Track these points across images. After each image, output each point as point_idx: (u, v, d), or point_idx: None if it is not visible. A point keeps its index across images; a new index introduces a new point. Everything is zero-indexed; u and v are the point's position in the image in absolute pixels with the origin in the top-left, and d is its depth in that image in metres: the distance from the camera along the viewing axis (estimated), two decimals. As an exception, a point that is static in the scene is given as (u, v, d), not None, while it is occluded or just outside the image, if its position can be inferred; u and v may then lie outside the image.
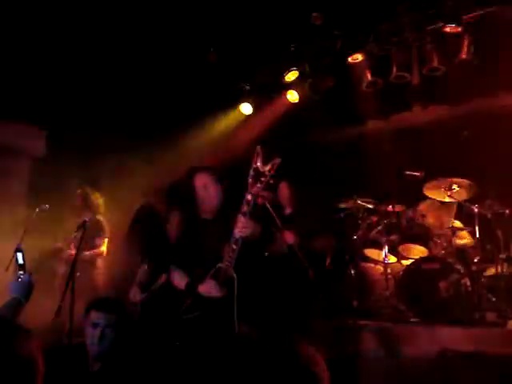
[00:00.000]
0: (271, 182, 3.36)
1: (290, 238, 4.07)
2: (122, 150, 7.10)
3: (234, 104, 8.52)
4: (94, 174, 6.86)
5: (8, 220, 6.36)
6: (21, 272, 2.74)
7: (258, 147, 3.43)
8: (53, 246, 6.48)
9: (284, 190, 5.55)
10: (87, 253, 6.14)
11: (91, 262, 6.25)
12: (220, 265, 3.52)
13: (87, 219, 5.14)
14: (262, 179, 3.35)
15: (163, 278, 5.59)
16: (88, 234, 5.97)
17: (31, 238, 6.15)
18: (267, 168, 3.35)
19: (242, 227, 3.42)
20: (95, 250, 6.28)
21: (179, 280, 3.83)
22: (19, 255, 2.84)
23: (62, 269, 6.18)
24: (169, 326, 3.91)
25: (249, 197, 3.41)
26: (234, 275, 3.46)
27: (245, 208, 3.42)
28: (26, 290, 2.67)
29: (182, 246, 3.90)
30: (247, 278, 3.52)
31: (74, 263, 4.52)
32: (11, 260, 5.60)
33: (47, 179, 6.62)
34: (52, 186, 6.48)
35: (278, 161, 3.36)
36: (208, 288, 3.56)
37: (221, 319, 3.50)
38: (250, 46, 8.04)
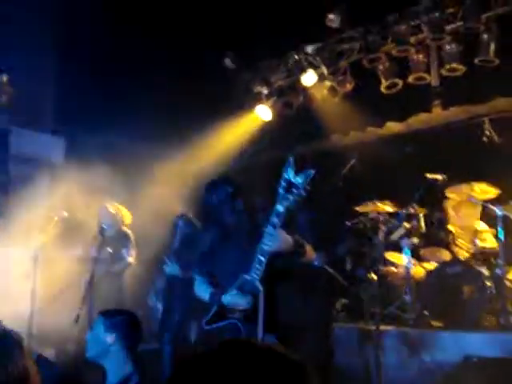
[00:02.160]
0: (304, 194, 3.28)
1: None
2: (139, 153, 7.14)
3: (252, 108, 8.51)
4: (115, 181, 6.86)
5: (28, 227, 6.39)
6: None
7: (291, 157, 3.36)
8: (73, 254, 6.47)
9: None
10: (115, 265, 6.15)
11: (119, 274, 6.25)
12: (246, 276, 3.47)
13: (105, 226, 5.14)
14: (295, 191, 3.29)
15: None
16: (115, 246, 6.01)
17: (50, 246, 6.21)
18: (300, 179, 3.29)
19: (272, 239, 3.36)
20: (123, 262, 6.27)
21: (203, 289, 3.78)
22: None
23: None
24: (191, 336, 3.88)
25: (280, 208, 3.34)
26: (261, 288, 3.39)
27: (275, 220, 3.35)
28: None
29: (207, 256, 3.84)
30: (274, 290, 3.46)
31: (92, 273, 4.51)
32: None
33: (66, 186, 6.63)
34: (71, 194, 6.50)
35: (312, 172, 3.28)
36: (232, 299, 3.51)
37: (245, 331, 3.45)
38: (266, 48, 8.07)
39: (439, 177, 4.30)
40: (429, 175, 4.25)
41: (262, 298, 3.36)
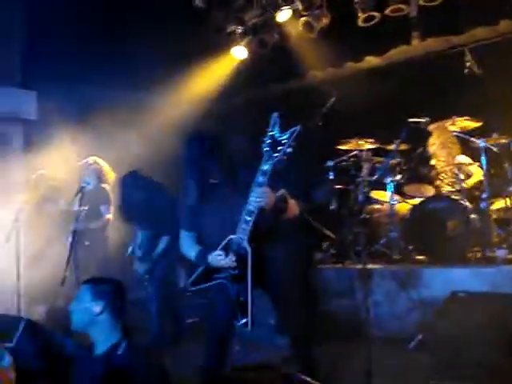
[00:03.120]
0: (289, 151, 3.19)
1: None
2: (116, 103, 6.97)
3: (226, 48, 8.31)
4: (89, 133, 6.70)
5: (6, 186, 6.28)
6: None
7: (275, 114, 3.24)
8: (55, 211, 6.39)
9: None
10: (93, 223, 6.06)
11: (100, 230, 6.17)
12: (232, 236, 3.42)
13: (84, 184, 5.03)
14: (280, 148, 3.19)
15: (163, 242, 5.56)
16: (93, 203, 5.91)
17: (31, 204, 6.13)
18: (285, 136, 3.18)
19: (258, 198, 3.29)
20: (102, 219, 6.18)
21: (189, 247, 3.73)
22: None
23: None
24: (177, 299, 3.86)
25: (266, 167, 3.24)
26: (248, 248, 3.35)
27: (260, 178, 3.25)
28: None
29: (191, 211, 3.75)
30: (260, 249, 3.42)
31: (74, 233, 4.44)
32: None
33: (42, 143, 6.48)
34: (48, 150, 6.36)
35: (297, 129, 3.18)
36: (219, 260, 3.47)
37: (233, 291, 3.43)
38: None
39: (421, 120, 4.23)
40: (412, 119, 4.17)
41: (249, 257, 3.32)
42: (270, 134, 3.21)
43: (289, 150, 3.16)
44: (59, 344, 3.62)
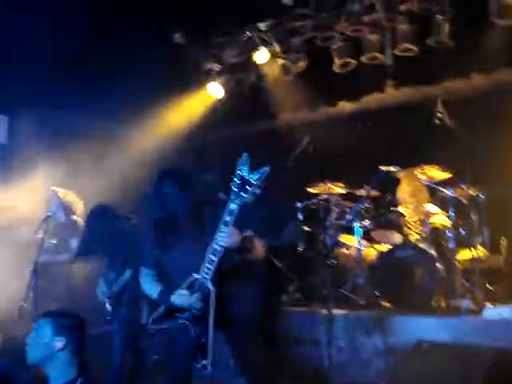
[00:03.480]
0: (258, 192, 3.16)
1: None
2: (89, 132, 6.91)
3: (203, 86, 8.35)
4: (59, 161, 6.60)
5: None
6: None
7: (245, 154, 3.23)
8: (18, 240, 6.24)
9: None
10: (62, 255, 5.91)
11: (67, 262, 6.01)
12: (196, 275, 3.36)
13: (50, 214, 4.93)
14: (249, 188, 3.17)
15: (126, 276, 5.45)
16: (63, 235, 5.79)
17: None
18: (255, 177, 3.17)
19: (223, 238, 3.25)
20: (71, 251, 6.03)
21: (150, 286, 3.65)
22: None
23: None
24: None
25: (233, 207, 3.22)
26: (212, 288, 3.29)
27: (227, 218, 3.23)
28: None
29: (154, 248, 3.68)
30: (224, 289, 3.37)
31: (36, 263, 4.34)
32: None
33: (11, 167, 6.37)
34: (17, 175, 6.26)
35: (267, 169, 3.17)
36: (182, 299, 3.40)
37: (195, 331, 3.37)
38: (218, 24, 7.89)
39: (393, 169, 4.27)
40: (383, 168, 4.21)
41: (212, 297, 3.27)
42: (239, 173, 3.19)
43: (258, 191, 3.14)
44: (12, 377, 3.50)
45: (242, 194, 3.17)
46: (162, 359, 5.77)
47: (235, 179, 3.19)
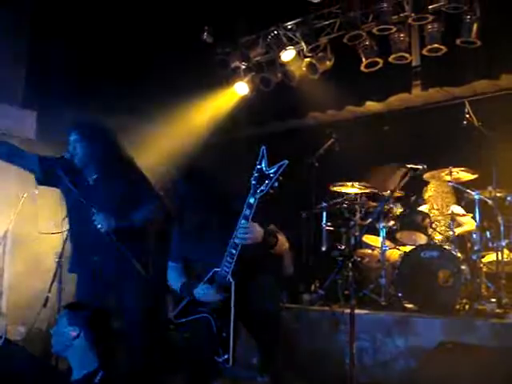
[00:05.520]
0: (276, 185, 3.19)
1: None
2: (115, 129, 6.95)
3: (229, 84, 8.38)
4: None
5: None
6: None
7: (263, 147, 3.26)
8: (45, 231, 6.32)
9: None
10: None
11: None
12: (217, 269, 3.39)
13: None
14: (267, 182, 3.19)
15: None
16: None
17: (21, 223, 6.06)
18: (273, 170, 3.19)
19: (243, 232, 3.28)
20: None
21: (174, 279, 3.70)
22: None
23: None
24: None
25: (252, 200, 3.25)
26: (232, 281, 3.33)
27: (247, 212, 3.26)
28: None
29: (179, 241, 3.74)
30: (245, 283, 3.40)
31: (61, 254, 4.40)
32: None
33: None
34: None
35: (285, 163, 3.19)
36: (203, 293, 3.44)
37: (216, 325, 3.39)
38: (245, 23, 7.92)
39: (419, 166, 4.25)
40: (410, 165, 4.20)
41: (233, 291, 3.29)
42: (258, 167, 3.22)
43: (275, 184, 3.16)
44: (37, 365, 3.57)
45: (260, 187, 3.19)
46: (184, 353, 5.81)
47: (254, 173, 3.22)
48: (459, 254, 5.69)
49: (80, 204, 3.84)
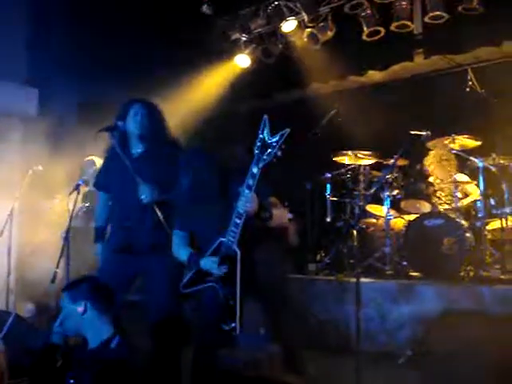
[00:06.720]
0: (279, 154, 3.19)
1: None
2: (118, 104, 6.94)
3: (230, 55, 8.33)
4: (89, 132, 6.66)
5: (3, 181, 6.25)
6: None
7: (265, 116, 3.25)
8: (50, 208, 6.34)
9: None
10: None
11: None
12: (222, 239, 3.42)
13: (81, 182, 4.98)
14: (270, 151, 3.19)
15: None
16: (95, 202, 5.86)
17: (26, 200, 6.09)
18: (275, 139, 3.19)
19: (247, 201, 3.28)
20: None
21: (180, 249, 3.73)
22: None
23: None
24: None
25: (255, 170, 3.25)
26: (238, 251, 3.35)
27: (250, 181, 3.26)
28: None
29: (183, 211, 3.77)
30: (250, 252, 3.42)
31: (68, 230, 4.41)
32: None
33: (41, 139, 6.45)
34: (46, 147, 6.34)
35: (287, 131, 3.19)
36: (210, 263, 3.48)
37: (223, 294, 3.43)
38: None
39: (423, 132, 4.23)
40: (413, 132, 4.17)
41: (239, 260, 3.32)
42: (260, 136, 3.22)
43: (279, 152, 3.17)
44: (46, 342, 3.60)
45: (262, 156, 3.20)
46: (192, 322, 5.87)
47: (257, 142, 3.23)
48: (463, 222, 5.70)
49: (123, 174, 3.95)
